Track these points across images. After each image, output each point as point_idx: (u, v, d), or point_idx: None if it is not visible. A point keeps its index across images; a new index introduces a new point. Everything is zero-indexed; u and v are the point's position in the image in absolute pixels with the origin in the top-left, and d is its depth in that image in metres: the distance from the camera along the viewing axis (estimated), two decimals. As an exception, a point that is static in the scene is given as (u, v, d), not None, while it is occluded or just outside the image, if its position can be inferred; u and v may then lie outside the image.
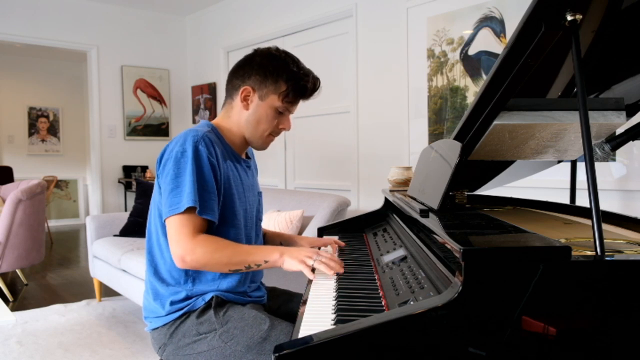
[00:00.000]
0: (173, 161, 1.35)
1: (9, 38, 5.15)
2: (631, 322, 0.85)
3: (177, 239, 1.31)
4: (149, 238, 1.47)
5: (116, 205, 5.82)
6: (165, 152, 1.40)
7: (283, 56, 1.47)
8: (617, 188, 2.58)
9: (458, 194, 1.77)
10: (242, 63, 1.50)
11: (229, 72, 1.54)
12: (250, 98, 1.47)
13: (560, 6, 0.98)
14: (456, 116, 3.27)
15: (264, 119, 1.48)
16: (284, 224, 2.79)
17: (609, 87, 1.42)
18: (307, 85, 1.48)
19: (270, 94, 1.46)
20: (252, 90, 1.46)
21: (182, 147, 1.35)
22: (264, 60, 1.46)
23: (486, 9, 3.07)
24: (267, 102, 1.46)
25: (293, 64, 1.46)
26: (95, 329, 3.07)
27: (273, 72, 1.45)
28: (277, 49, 1.50)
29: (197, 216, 1.32)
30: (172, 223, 1.33)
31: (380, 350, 0.81)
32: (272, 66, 1.45)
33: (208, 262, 1.32)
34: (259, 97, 1.46)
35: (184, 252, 1.30)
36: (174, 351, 1.40)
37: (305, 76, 1.47)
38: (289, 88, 1.45)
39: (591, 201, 0.93)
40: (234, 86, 1.50)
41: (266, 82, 1.45)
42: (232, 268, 1.35)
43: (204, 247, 1.30)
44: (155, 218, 1.44)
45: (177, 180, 1.33)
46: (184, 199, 1.30)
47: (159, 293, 1.43)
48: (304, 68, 1.49)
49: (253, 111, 1.48)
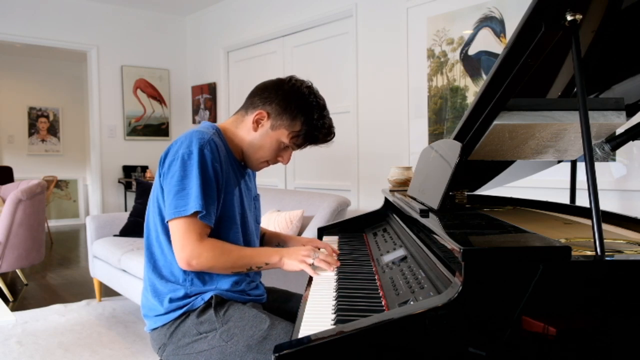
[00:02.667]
0: (180, 163, 1.34)
1: (9, 38, 5.15)
2: (631, 322, 0.85)
3: (183, 243, 1.32)
4: (148, 235, 1.47)
5: (116, 205, 5.82)
6: (169, 152, 1.39)
7: (311, 98, 1.45)
8: (617, 188, 2.58)
9: (458, 194, 1.77)
10: (269, 85, 1.48)
11: (257, 85, 1.52)
12: (262, 123, 1.46)
13: (560, 6, 0.98)
14: (456, 116, 3.27)
15: (267, 148, 1.48)
16: (284, 224, 2.79)
17: (609, 87, 1.42)
18: (319, 137, 1.47)
19: (282, 127, 1.45)
20: (267, 116, 1.45)
21: (188, 149, 1.35)
22: (291, 93, 1.44)
23: (486, 9, 3.07)
24: (276, 133, 1.45)
25: (317, 111, 1.44)
26: (95, 329, 3.07)
27: (294, 109, 1.43)
28: (310, 87, 1.47)
29: (200, 220, 1.33)
30: (177, 226, 1.33)
31: (380, 350, 0.81)
32: (295, 103, 1.43)
33: (213, 266, 1.36)
34: (271, 125, 1.45)
35: (191, 256, 1.32)
36: (174, 351, 1.40)
37: (323, 128, 1.46)
38: (301, 131, 1.45)
39: (591, 201, 0.93)
40: (253, 103, 1.48)
41: (283, 116, 1.44)
42: (235, 270, 1.40)
43: (210, 251, 1.34)
44: (155, 216, 1.44)
45: (183, 182, 1.33)
46: (191, 202, 1.31)
47: (158, 290, 1.43)
48: (325, 118, 1.46)
49: (259, 136, 1.47)
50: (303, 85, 1.47)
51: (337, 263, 1.41)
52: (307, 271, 1.36)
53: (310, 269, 1.36)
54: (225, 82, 5.50)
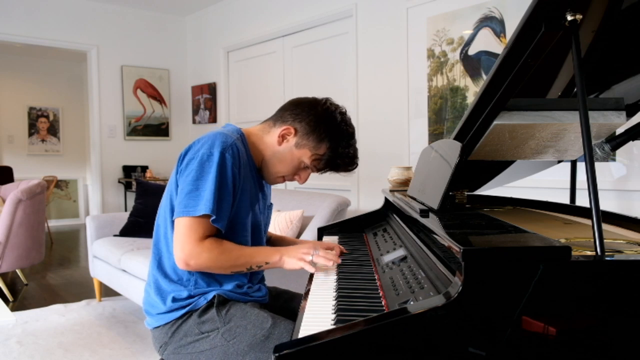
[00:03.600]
0: (198, 162, 1.33)
1: (9, 38, 5.15)
2: (631, 322, 0.85)
3: (183, 242, 1.31)
4: (157, 231, 1.47)
5: (116, 205, 5.82)
6: (189, 151, 1.38)
7: (342, 126, 1.44)
8: (617, 188, 2.58)
9: (458, 194, 1.77)
10: (304, 102, 1.48)
11: (291, 100, 1.51)
12: (288, 138, 1.45)
13: (560, 6, 0.98)
14: (456, 116, 3.27)
15: (287, 164, 1.47)
16: (284, 224, 2.79)
17: (609, 87, 1.42)
18: (340, 165, 1.47)
19: (306, 147, 1.44)
20: (295, 133, 1.44)
21: (209, 150, 1.33)
22: (323, 116, 1.43)
23: (486, 9, 3.07)
24: (299, 152, 1.45)
25: (344, 139, 1.44)
26: (95, 329, 3.07)
27: (323, 132, 1.42)
28: (343, 114, 1.46)
29: (209, 223, 1.32)
30: (181, 223, 1.32)
31: (380, 350, 0.81)
32: (325, 126, 1.43)
33: (212, 266, 1.34)
34: (296, 143, 1.45)
35: (189, 256, 1.31)
36: (176, 350, 1.40)
37: (347, 157, 1.45)
38: (324, 156, 1.44)
39: (591, 201, 0.93)
40: (283, 117, 1.47)
41: (310, 136, 1.43)
42: (235, 270, 1.38)
43: (209, 252, 1.32)
44: (166, 212, 1.43)
45: (197, 182, 1.32)
46: (202, 204, 1.30)
47: (161, 287, 1.43)
48: (351, 147, 1.46)
49: (282, 150, 1.46)
50: (337, 111, 1.46)
51: (338, 260, 1.40)
52: (306, 268, 1.36)
53: (309, 266, 1.35)
54: (225, 82, 5.50)
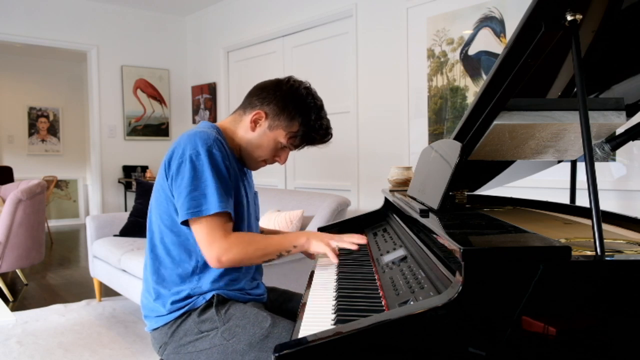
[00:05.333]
0: (189, 164, 1.33)
1: (9, 38, 5.15)
2: (631, 322, 0.85)
3: (210, 241, 1.32)
4: (151, 237, 1.46)
5: (116, 205, 5.82)
6: (174, 155, 1.37)
7: (309, 100, 1.46)
8: (617, 188, 2.58)
9: (458, 194, 1.77)
10: (268, 85, 1.49)
11: (256, 85, 1.53)
12: (260, 123, 1.47)
13: (560, 6, 0.98)
14: (456, 116, 3.27)
15: (264, 148, 1.49)
16: (284, 224, 2.79)
17: (609, 87, 1.42)
18: (316, 138, 1.49)
19: (280, 128, 1.46)
20: (265, 116, 1.46)
21: (195, 150, 1.34)
22: (289, 94, 1.45)
23: (486, 9, 3.07)
24: (274, 133, 1.46)
25: (314, 112, 1.46)
26: (95, 329, 3.07)
27: (292, 110, 1.44)
28: (308, 88, 1.48)
29: (223, 217, 1.34)
30: (201, 226, 1.33)
31: (380, 350, 0.81)
32: (293, 104, 1.44)
33: (244, 258, 1.36)
34: (269, 126, 1.46)
35: (220, 253, 1.32)
36: (175, 350, 1.40)
37: (320, 129, 1.47)
38: (299, 132, 1.46)
39: (591, 201, 0.93)
40: (251, 103, 1.49)
41: (281, 116, 1.45)
42: (266, 259, 1.41)
43: (238, 245, 1.34)
44: (161, 217, 1.43)
45: (194, 182, 1.32)
46: (210, 203, 1.31)
47: (161, 294, 1.43)
48: (323, 119, 1.48)
49: (257, 136, 1.48)
50: (301, 86, 1.48)
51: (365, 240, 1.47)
52: (329, 255, 1.40)
53: (333, 255, 1.40)
54: (225, 82, 5.50)
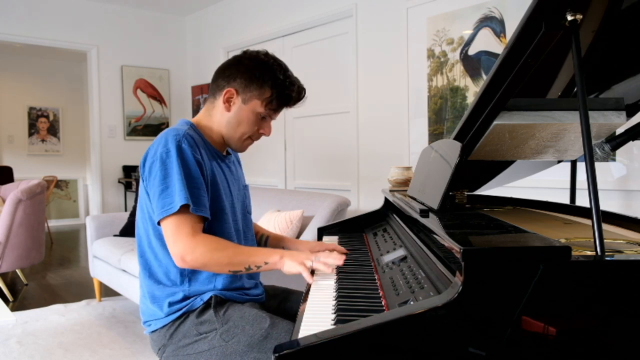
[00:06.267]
0: (159, 163, 1.33)
1: (9, 38, 5.14)
2: (631, 322, 0.85)
3: (175, 239, 1.30)
4: (140, 242, 1.47)
5: (116, 205, 5.82)
6: (148, 155, 1.38)
7: (271, 62, 1.46)
8: (617, 188, 2.58)
9: (458, 194, 1.77)
10: (228, 64, 1.49)
11: (215, 71, 1.52)
12: (233, 100, 1.46)
13: (560, 6, 0.98)
14: (456, 116, 3.27)
15: (245, 123, 1.48)
16: (284, 224, 2.79)
17: (609, 87, 1.42)
18: (291, 95, 1.48)
19: (253, 98, 1.45)
20: (236, 92, 1.46)
21: (165, 147, 1.34)
22: (251, 64, 1.45)
23: (486, 9, 3.07)
24: (250, 106, 1.46)
25: (280, 71, 1.45)
26: (95, 329, 3.07)
27: (259, 77, 1.44)
28: (266, 54, 1.48)
29: (192, 214, 1.32)
30: (168, 224, 1.32)
31: (380, 350, 0.81)
32: (258, 71, 1.44)
33: (208, 262, 1.31)
34: (242, 100, 1.46)
35: (184, 251, 1.29)
36: (174, 352, 1.40)
37: (292, 85, 1.47)
38: (273, 95, 1.45)
39: (591, 201, 0.93)
40: (218, 86, 1.49)
41: (251, 87, 1.45)
42: (232, 269, 1.35)
43: (204, 246, 1.30)
44: (144, 221, 1.43)
45: (165, 181, 1.32)
46: (176, 198, 1.30)
47: (156, 295, 1.42)
48: (291, 77, 1.48)
49: (234, 114, 1.47)
50: (260, 54, 1.48)
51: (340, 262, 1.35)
52: (304, 276, 1.31)
53: (307, 274, 1.30)
54: (222, 81, 5.50)
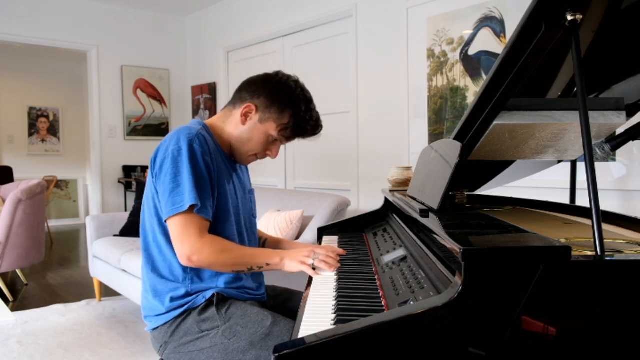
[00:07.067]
0: (171, 160, 1.35)
1: (9, 38, 5.14)
2: (631, 322, 0.85)
3: (183, 239, 1.32)
4: (145, 236, 1.47)
5: (116, 205, 5.82)
6: (159, 152, 1.40)
7: (298, 92, 1.47)
8: (617, 188, 2.58)
9: (458, 194, 1.77)
10: (257, 79, 1.50)
11: (245, 80, 1.53)
12: (250, 116, 1.47)
13: (560, 6, 0.98)
14: (456, 116, 3.27)
15: (255, 141, 1.49)
16: (284, 224, 2.79)
17: (609, 87, 1.42)
18: (307, 129, 1.49)
19: (270, 120, 1.46)
20: (255, 109, 1.46)
21: (177, 145, 1.35)
22: (278, 87, 1.46)
23: (486, 9, 3.07)
24: (265, 126, 1.47)
25: (304, 103, 1.46)
26: (95, 329, 3.07)
27: (282, 102, 1.45)
28: (296, 82, 1.49)
29: (201, 217, 1.34)
30: (176, 222, 1.33)
31: (380, 350, 0.81)
32: (283, 96, 1.45)
33: (214, 263, 1.35)
34: (259, 118, 1.47)
35: (191, 251, 1.32)
36: (176, 349, 1.40)
37: (310, 120, 1.48)
38: (290, 123, 1.46)
39: (591, 201, 0.93)
40: (241, 97, 1.50)
41: (271, 108, 1.45)
42: (236, 269, 1.40)
43: (211, 247, 1.33)
44: (151, 216, 1.44)
45: (176, 179, 1.34)
46: (186, 197, 1.32)
47: (158, 290, 1.43)
48: (313, 111, 1.49)
49: (248, 129, 1.48)
50: (290, 79, 1.49)
51: (338, 264, 1.41)
52: (307, 272, 1.37)
53: (310, 270, 1.37)
54: (225, 82, 5.50)
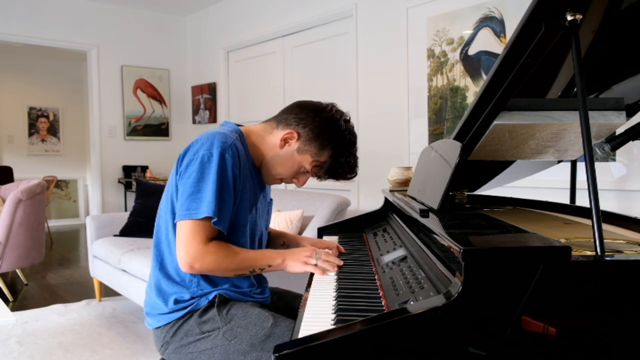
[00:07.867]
0: (198, 164, 1.32)
1: (9, 38, 5.15)
2: (631, 322, 0.85)
3: (187, 245, 1.30)
4: (158, 232, 1.46)
5: (116, 205, 5.82)
6: (188, 152, 1.37)
7: (346, 134, 1.44)
8: (617, 188, 2.58)
9: (458, 194, 1.77)
10: (310, 106, 1.47)
11: (296, 102, 1.50)
12: (290, 142, 1.44)
13: (560, 6, 0.98)
14: (456, 116, 3.27)
15: (288, 167, 1.47)
16: (284, 224, 2.79)
17: (609, 87, 1.42)
18: (340, 173, 1.47)
19: (308, 153, 1.44)
20: (297, 137, 1.43)
21: (209, 150, 1.32)
22: (327, 122, 1.43)
23: (486, 9, 3.07)
24: (301, 157, 1.45)
25: (347, 147, 1.44)
26: (95, 329, 3.07)
27: (326, 139, 1.42)
28: (347, 122, 1.46)
29: (211, 225, 1.32)
30: (185, 226, 1.31)
31: (380, 350, 0.81)
32: (329, 134, 1.42)
33: (216, 269, 1.34)
34: (298, 148, 1.44)
35: (194, 259, 1.30)
36: (176, 350, 1.40)
37: (346, 166, 1.46)
38: (325, 163, 1.45)
39: (591, 201, 0.93)
40: (287, 120, 1.46)
41: (313, 142, 1.43)
42: (238, 273, 1.39)
43: (214, 254, 1.32)
44: (167, 213, 1.42)
45: (199, 184, 1.31)
46: (204, 206, 1.29)
47: (162, 289, 1.42)
48: (352, 156, 1.47)
49: (284, 154, 1.45)
50: (342, 118, 1.45)
51: (340, 262, 1.41)
52: (313, 271, 1.37)
53: (316, 269, 1.37)
54: (225, 82, 5.50)
